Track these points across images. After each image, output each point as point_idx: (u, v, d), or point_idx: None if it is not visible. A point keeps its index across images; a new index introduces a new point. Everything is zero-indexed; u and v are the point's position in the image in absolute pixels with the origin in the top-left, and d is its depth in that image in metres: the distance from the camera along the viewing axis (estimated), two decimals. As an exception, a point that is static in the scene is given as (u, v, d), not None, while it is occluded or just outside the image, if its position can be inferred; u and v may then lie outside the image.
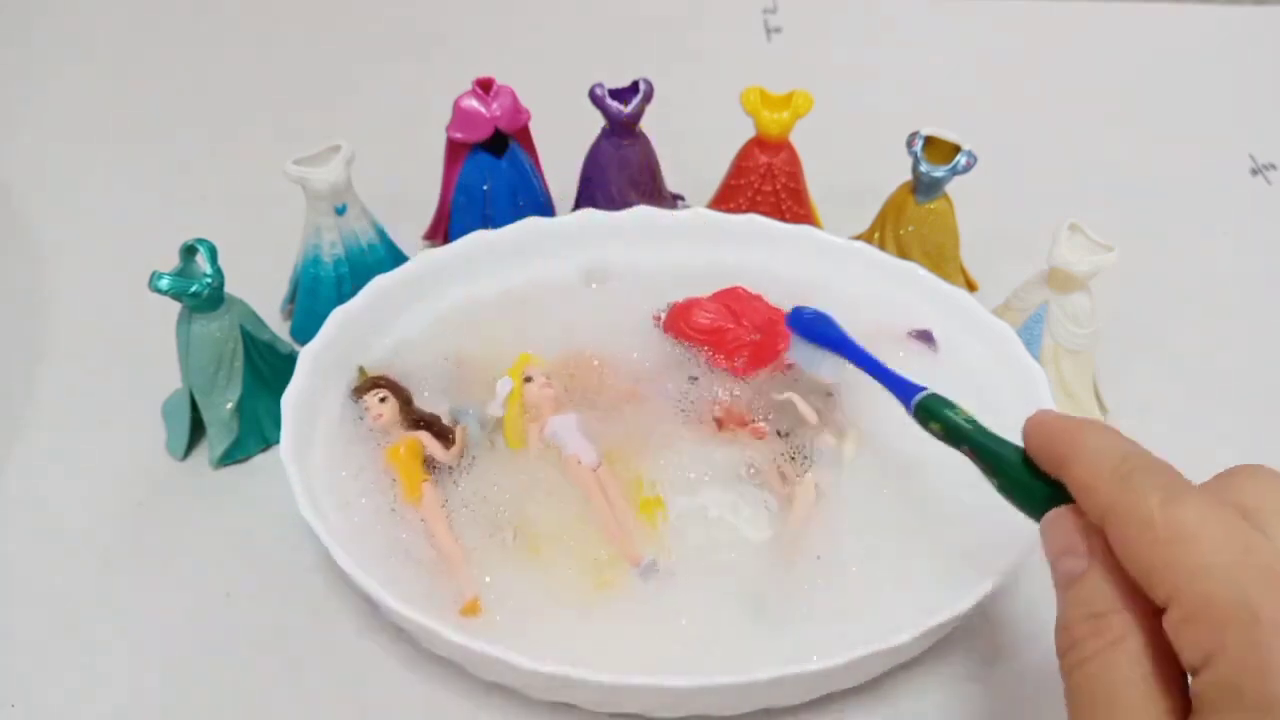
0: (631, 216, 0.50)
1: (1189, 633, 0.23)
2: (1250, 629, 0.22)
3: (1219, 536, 0.24)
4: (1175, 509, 0.25)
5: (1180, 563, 0.24)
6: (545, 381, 0.43)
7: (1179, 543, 0.24)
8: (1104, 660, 0.25)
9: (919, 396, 0.34)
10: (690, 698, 0.34)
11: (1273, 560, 0.23)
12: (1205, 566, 0.24)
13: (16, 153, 0.64)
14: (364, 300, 0.45)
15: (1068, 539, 0.27)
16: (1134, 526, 0.25)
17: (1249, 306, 0.55)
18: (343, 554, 0.36)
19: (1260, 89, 0.73)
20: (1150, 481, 0.26)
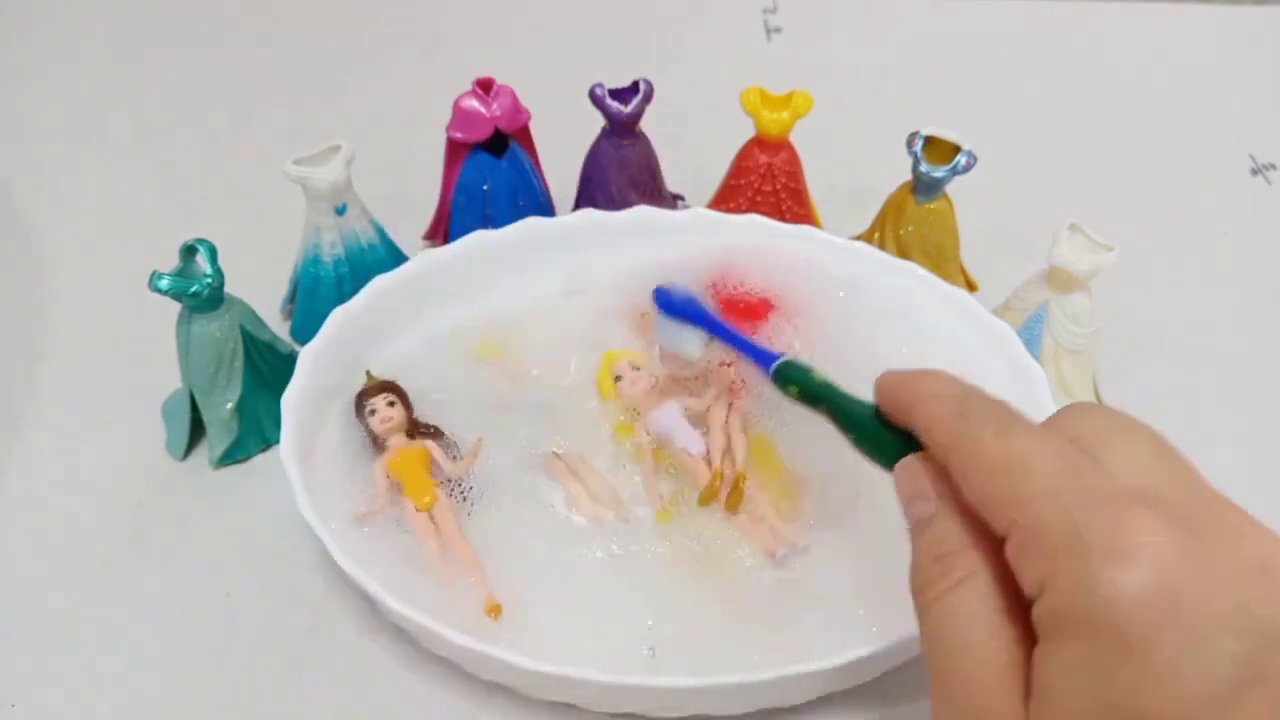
0: (631, 216, 0.50)
1: (1024, 560, 0.24)
2: (1077, 553, 0.22)
3: (1049, 463, 0.24)
4: (1007, 440, 0.25)
5: (1014, 491, 0.24)
6: (636, 376, 0.43)
7: (1012, 472, 0.25)
8: (953, 598, 0.25)
9: (777, 362, 0.35)
10: (690, 698, 0.34)
11: (1099, 481, 0.24)
12: (1036, 493, 0.24)
13: (16, 153, 0.64)
14: (364, 300, 0.45)
15: (917, 484, 0.28)
16: (971, 460, 0.26)
17: (1249, 306, 0.55)
18: (343, 554, 0.36)
19: (1260, 89, 0.73)
20: (985, 416, 0.26)
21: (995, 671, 0.24)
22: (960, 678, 0.24)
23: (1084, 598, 0.22)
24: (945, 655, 0.25)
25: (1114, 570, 0.22)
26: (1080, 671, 0.22)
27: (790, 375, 0.34)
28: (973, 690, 0.24)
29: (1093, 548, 0.22)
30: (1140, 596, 0.21)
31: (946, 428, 0.27)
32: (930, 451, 0.28)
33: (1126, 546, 0.22)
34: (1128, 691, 0.21)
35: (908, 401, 0.29)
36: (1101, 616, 0.22)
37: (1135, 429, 0.27)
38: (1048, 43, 0.76)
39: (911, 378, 0.29)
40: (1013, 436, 0.25)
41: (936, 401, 0.28)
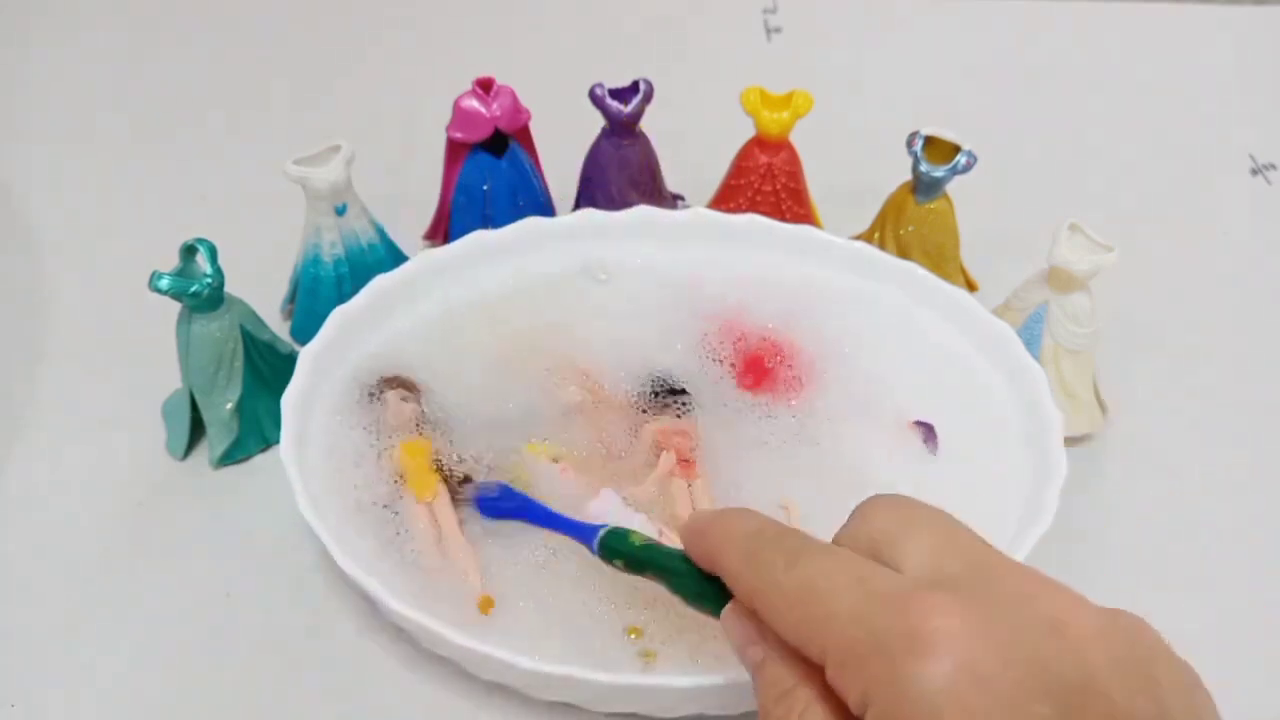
0: (631, 216, 0.50)
1: (844, 682, 0.24)
2: (881, 658, 0.23)
3: (838, 581, 0.25)
4: (797, 570, 0.26)
5: (814, 618, 0.25)
6: (566, 468, 0.41)
7: (808, 601, 0.25)
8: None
9: (599, 535, 0.35)
10: (690, 698, 0.34)
11: (885, 584, 0.24)
12: (833, 614, 0.24)
13: (16, 153, 0.64)
14: (364, 300, 0.45)
15: (743, 631, 0.28)
16: (771, 599, 0.26)
17: (1249, 306, 0.55)
18: (343, 554, 0.36)
19: (1260, 89, 0.73)
20: (776, 551, 0.27)
21: None
22: None
23: (899, 700, 0.22)
24: None
25: (916, 665, 0.22)
26: None
27: (612, 545, 0.34)
28: None
29: (893, 649, 0.23)
30: (945, 683, 0.22)
31: (744, 571, 0.27)
32: (741, 601, 0.28)
33: (921, 636, 0.23)
34: None
35: (710, 551, 0.29)
36: (918, 713, 0.22)
37: (920, 518, 0.27)
38: (1048, 43, 0.76)
39: (708, 523, 0.30)
40: (801, 564, 0.26)
41: (732, 544, 0.28)
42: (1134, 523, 0.44)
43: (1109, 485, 0.46)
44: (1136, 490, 0.46)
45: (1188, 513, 0.45)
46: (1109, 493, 0.45)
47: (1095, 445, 0.47)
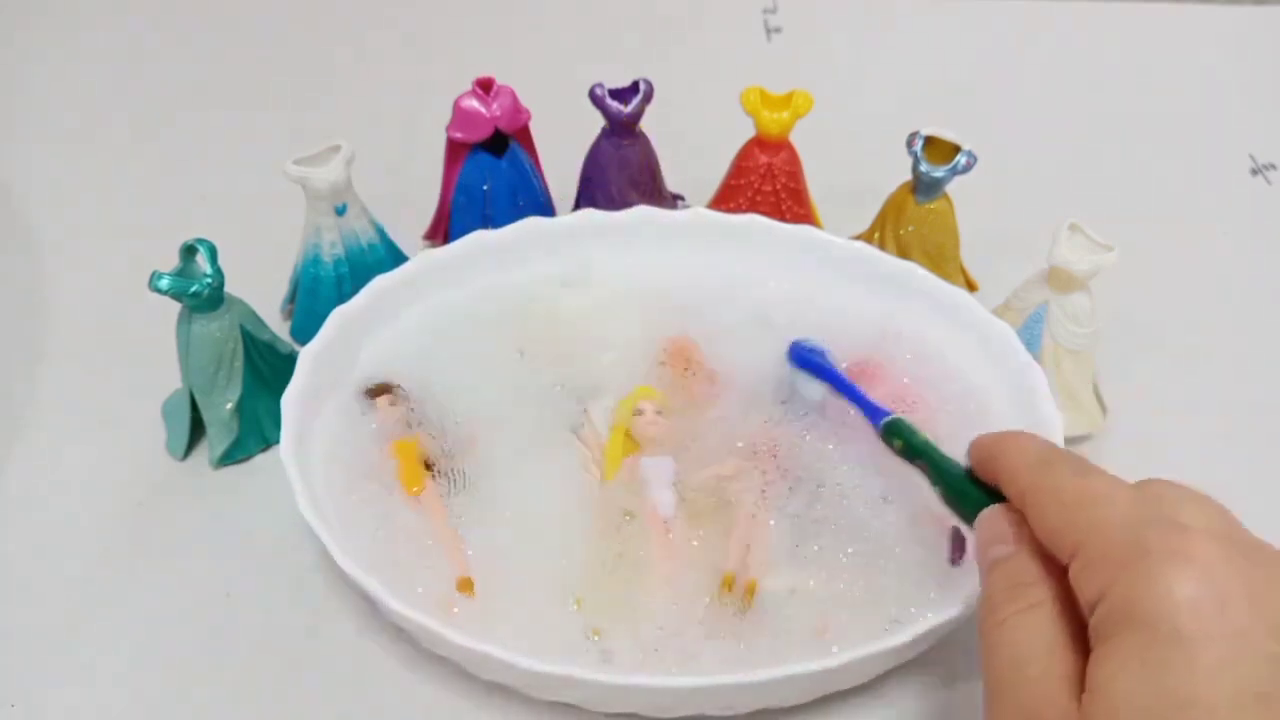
0: (631, 216, 0.50)
1: (1087, 576, 0.26)
2: (1141, 559, 0.25)
3: (1120, 497, 0.27)
4: (1084, 479, 0.28)
5: (1084, 520, 0.27)
6: (654, 418, 0.43)
7: (1085, 505, 0.27)
8: (1021, 619, 0.27)
9: (886, 419, 0.39)
10: (690, 698, 0.34)
11: (1162, 510, 0.26)
12: (1105, 519, 0.26)
13: (16, 153, 0.64)
14: (364, 300, 0.45)
15: (998, 529, 0.30)
16: (1050, 495, 0.28)
17: (1249, 306, 0.55)
18: (343, 554, 0.36)
19: (1260, 89, 0.73)
20: (1065, 463, 0.29)
21: (1052, 676, 0.25)
22: (1018, 682, 0.26)
23: (1143, 597, 0.24)
24: (1006, 664, 0.27)
25: (1171, 572, 0.24)
26: (1133, 665, 0.24)
27: (896, 431, 0.38)
28: (1028, 691, 0.26)
29: (1153, 555, 0.24)
30: (1193, 598, 0.23)
31: (1029, 472, 0.30)
32: (1011, 501, 0.30)
33: (1184, 553, 0.24)
34: (1177, 682, 0.23)
35: (996, 454, 0.32)
36: (1157, 613, 0.24)
37: (1205, 498, 0.28)
38: (1048, 43, 0.76)
39: (1003, 435, 0.33)
40: (1089, 476, 0.28)
41: (1021, 453, 0.31)
42: (1134, 523, 0.44)
43: (1109, 485, 0.46)
44: (1136, 490, 0.46)
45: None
46: (1109, 493, 0.45)
47: (1095, 445, 0.47)
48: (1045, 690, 0.25)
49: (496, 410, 0.43)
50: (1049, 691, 0.25)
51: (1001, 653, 0.27)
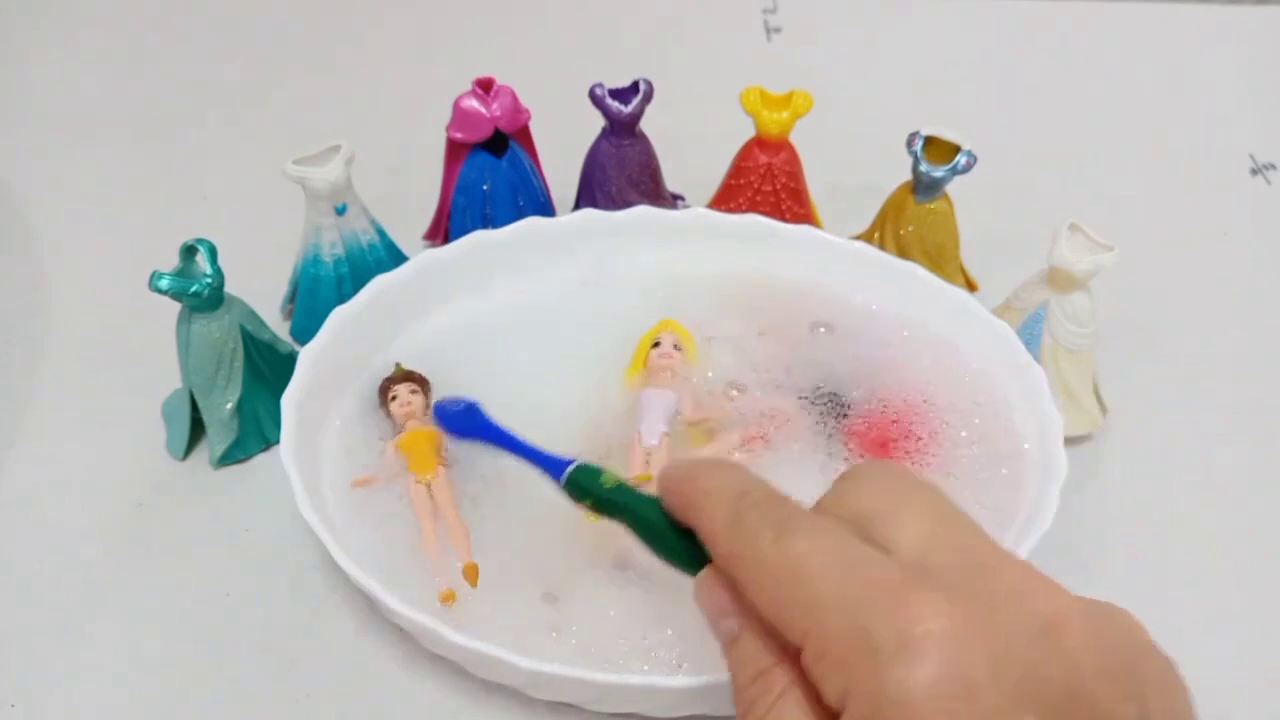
0: (631, 216, 0.50)
1: (822, 672, 0.23)
2: (866, 657, 0.22)
3: (827, 562, 0.24)
4: (785, 544, 0.24)
5: (797, 600, 0.24)
6: (669, 350, 0.44)
7: (793, 580, 0.24)
8: (774, 715, 0.24)
9: (569, 469, 0.33)
10: (690, 698, 0.34)
11: (880, 572, 0.23)
12: (818, 598, 0.23)
13: (16, 153, 0.64)
14: (364, 300, 0.45)
15: (718, 600, 0.27)
16: (753, 571, 0.25)
17: (1249, 306, 0.55)
18: (343, 554, 0.36)
19: (1260, 89, 0.73)
20: (763, 519, 0.25)
21: None
22: None
23: (881, 704, 0.22)
24: None
25: (903, 669, 0.22)
26: None
27: (582, 485, 0.32)
28: None
29: (879, 650, 0.22)
30: (932, 690, 0.21)
31: (725, 536, 0.26)
32: (720, 566, 0.27)
33: (909, 640, 0.22)
34: None
35: (690, 501, 0.28)
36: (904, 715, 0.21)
37: (914, 497, 0.26)
38: (1048, 43, 0.76)
39: (693, 474, 0.28)
40: (790, 538, 0.25)
41: (715, 502, 0.27)
42: (1134, 523, 0.44)
43: (1109, 485, 0.46)
44: (1136, 490, 0.46)
45: (1188, 513, 0.45)
46: (1109, 493, 0.45)
47: (1095, 445, 0.47)
48: None
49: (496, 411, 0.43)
50: None
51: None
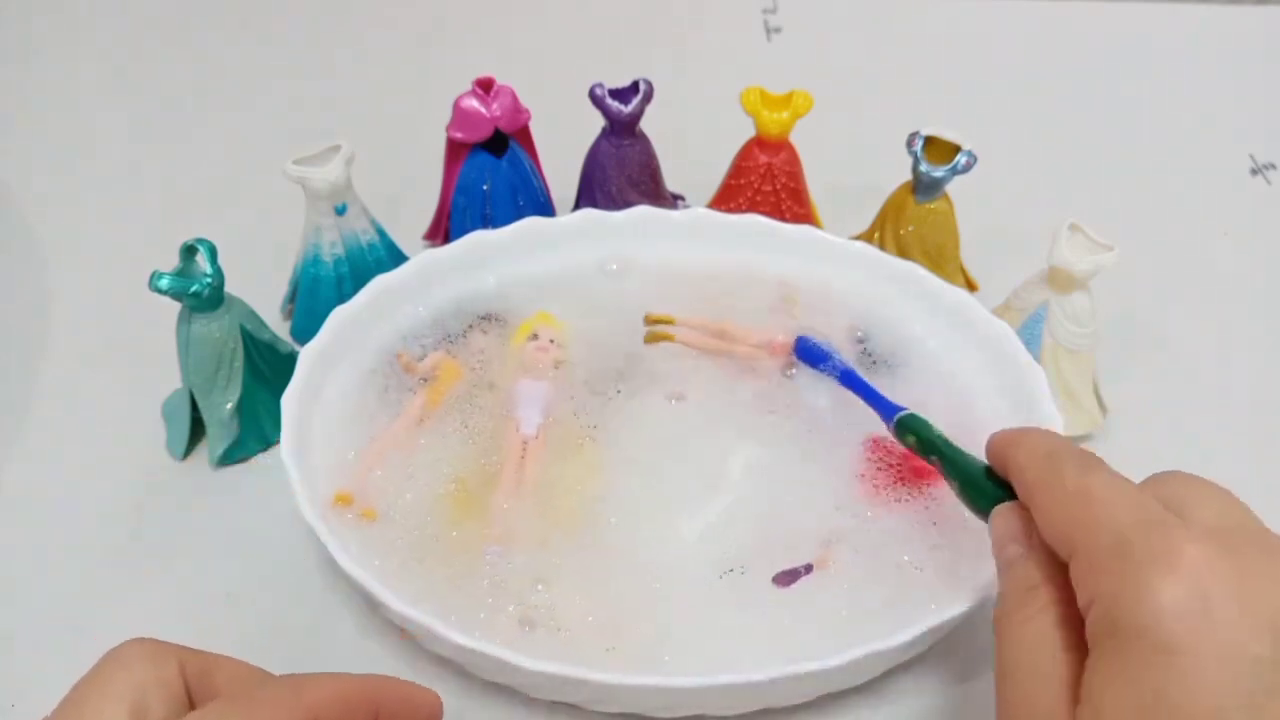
0: (631, 216, 0.50)
1: (1080, 580, 0.26)
2: (1124, 565, 0.25)
3: (1116, 498, 0.27)
4: (1085, 477, 0.28)
5: (1081, 519, 0.27)
6: (544, 345, 0.45)
7: (1083, 504, 0.27)
8: (1027, 625, 0.28)
9: (900, 415, 0.39)
10: (690, 698, 0.34)
11: (1160, 516, 0.26)
12: (1097, 520, 0.26)
13: (16, 153, 0.64)
14: (364, 300, 0.45)
15: (1011, 529, 0.30)
16: (1051, 494, 0.28)
17: (1249, 306, 0.55)
18: (343, 554, 0.36)
19: (1260, 89, 0.73)
20: (1071, 459, 0.29)
21: (1054, 685, 0.26)
22: (1023, 692, 0.26)
23: (1127, 605, 0.24)
24: (1014, 667, 0.27)
25: (1155, 578, 0.24)
26: (1119, 675, 0.24)
27: (910, 426, 0.38)
28: (1030, 701, 0.26)
29: (1137, 560, 0.24)
30: (1177, 603, 0.23)
31: (1035, 468, 0.30)
32: (1020, 495, 0.30)
33: (1169, 556, 0.24)
34: (1163, 692, 0.23)
35: (1008, 449, 0.32)
36: (1142, 621, 0.23)
37: (1214, 492, 0.28)
38: (1048, 43, 0.76)
39: (1018, 431, 0.33)
40: (1090, 474, 0.28)
41: (1032, 447, 0.31)
42: (1134, 523, 0.44)
43: (1109, 485, 0.46)
44: (1136, 490, 0.46)
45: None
46: (1109, 493, 0.45)
47: (1095, 445, 0.47)
48: (1045, 697, 0.26)
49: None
50: (1048, 698, 0.26)
51: (1010, 655, 0.27)
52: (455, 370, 0.45)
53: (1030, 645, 0.27)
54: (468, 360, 0.45)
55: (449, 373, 0.44)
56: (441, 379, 0.44)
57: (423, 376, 0.44)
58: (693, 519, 0.40)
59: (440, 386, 0.44)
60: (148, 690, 0.27)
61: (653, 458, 0.42)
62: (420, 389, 0.44)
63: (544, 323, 0.46)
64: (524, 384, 0.44)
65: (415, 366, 0.44)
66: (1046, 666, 0.26)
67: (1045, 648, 0.26)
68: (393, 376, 0.44)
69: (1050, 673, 0.26)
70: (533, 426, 0.43)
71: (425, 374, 0.44)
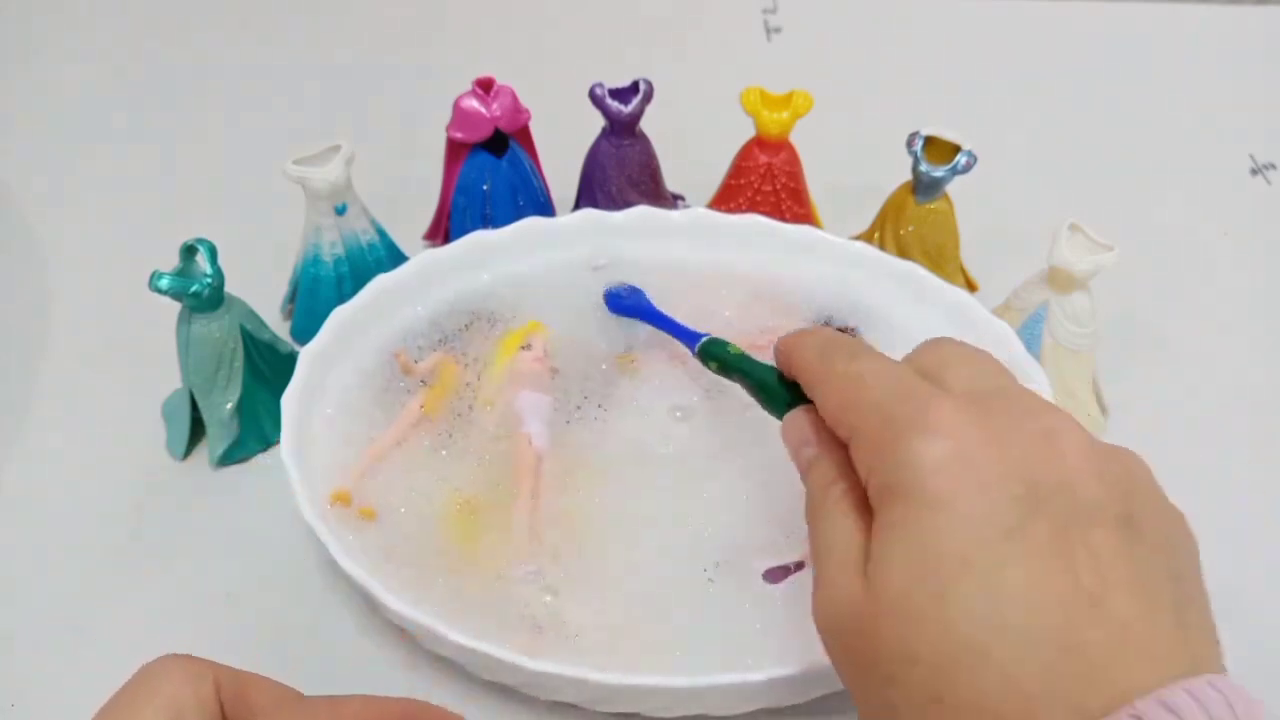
0: (631, 216, 0.50)
1: (858, 458, 0.28)
2: (892, 435, 0.26)
3: (881, 377, 0.29)
4: (853, 363, 0.30)
5: (853, 402, 0.29)
6: (539, 355, 0.44)
7: (855, 387, 0.29)
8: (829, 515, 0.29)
9: (701, 341, 0.40)
10: (690, 698, 0.34)
11: (918, 386, 0.28)
12: (864, 400, 0.28)
13: (16, 153, 0.64)
14: (364, 300, 0.45)
15: (802, 433, 0.32)
16: (825, 385, 0.30)
17: (1249, 306, 0.55)
18: (343, 554, 0.36)
19: (1260, 89, 0.73)
20: (840, 349, 0.31)
21: (850, 563, 0.27)
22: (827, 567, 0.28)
23: (894, 469, 0.26)
24: (822, 560, 0.28)
25: (918, 441, 0.26)
26: (898, 533, 0.26)
27: (711, 353, 0.39)
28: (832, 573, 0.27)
29: (899, 427, 0.26)
30: (935, 459, 0.25)
31: (811, 365, 0.32)
32: (806, 393, 0.32)
33: (927, 421, 0.26)
34: (929, 541, 0.25)
35: (791, 353, 0.33)
36: (911, 480, 0.25)
37: (971, 355, 0.30)
38: (1048, 43, 0.76)
39: (795, 334, 0.34)
40: (858, 360, 0.30)
41: (806, 346, 0.32)
42: (1134, 523, 0.44)
43: (1109, 485, 0.46)
44: (1136, 490, 0.46)
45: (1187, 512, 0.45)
46: (1109, 493, 0.45)
47: (1095, 445, 0.47)
48: (844, 571, 0.27)
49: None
50: (846, 572, 0.27)
51: (818, 545, 0.29)
52: (454, 371, 0.44)
53: (831, 533, 0.28)
54: (466, 361, 0.45)
55: (448, 374, 0.44)
56: (441, 381, 0.44)
57: (421, 378, 0.44)
58: (693, 521, 0.40)
59: (440, 389, 0.44)
60: (184, 709, 0.27)
61: (653, 461, 0.42)
62: (418, 390, 0.44)
63: (535, 332, 0.46)
64: (526, 396, 0.43)
65: (414, 368, 0.44)
66: (843, 549, 0.27)
67: (841, 532, 0.28)
68: (393, 377, 0.44)
69: (846, 555, 0.27)
70: (544, 440, 0.42)
71: (424, 375, 0.44)
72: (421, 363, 0.45)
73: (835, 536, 0.28)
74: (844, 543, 0.28)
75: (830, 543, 0.28)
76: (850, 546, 0.27)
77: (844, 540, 0.28)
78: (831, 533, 0.28)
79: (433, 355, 0.45)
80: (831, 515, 0.29)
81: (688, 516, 0.40)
